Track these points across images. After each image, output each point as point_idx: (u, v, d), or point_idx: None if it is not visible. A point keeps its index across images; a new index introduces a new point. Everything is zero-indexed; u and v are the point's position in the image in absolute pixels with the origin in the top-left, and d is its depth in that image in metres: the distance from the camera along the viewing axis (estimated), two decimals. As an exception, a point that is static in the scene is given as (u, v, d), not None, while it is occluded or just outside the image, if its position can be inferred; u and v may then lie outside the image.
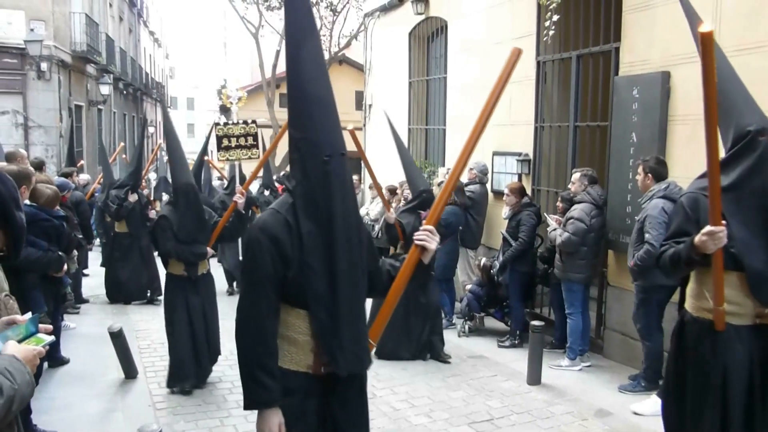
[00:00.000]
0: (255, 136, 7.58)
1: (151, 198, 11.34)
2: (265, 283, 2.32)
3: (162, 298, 8.43)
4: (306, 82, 2.33)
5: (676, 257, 3.02)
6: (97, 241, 12.06)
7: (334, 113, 2.39)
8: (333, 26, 21.53)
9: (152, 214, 8.99)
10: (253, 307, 2.35)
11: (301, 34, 2.36)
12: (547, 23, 6.50)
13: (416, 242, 2.52)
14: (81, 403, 5.24)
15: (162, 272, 6.09)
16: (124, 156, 16.14)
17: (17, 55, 15.77)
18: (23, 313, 2.97)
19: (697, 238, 2.80)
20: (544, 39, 6.69)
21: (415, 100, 10.99)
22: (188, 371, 5.41)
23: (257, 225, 2.39)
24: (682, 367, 3.15)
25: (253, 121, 7.78)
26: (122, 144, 17.16)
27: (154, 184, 13.29)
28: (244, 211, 5.64)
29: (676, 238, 3.10)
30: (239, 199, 5.49)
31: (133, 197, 8.82)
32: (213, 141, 7.79)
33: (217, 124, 7.73)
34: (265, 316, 2.35)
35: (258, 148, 7.66)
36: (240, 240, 7.85)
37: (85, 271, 10.13)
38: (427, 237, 2.52)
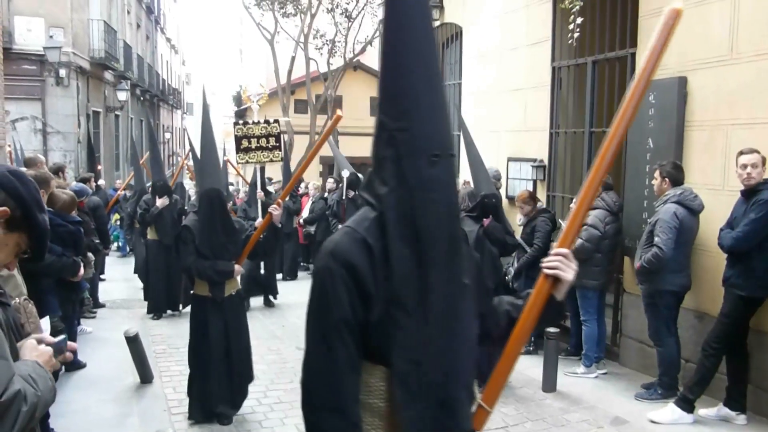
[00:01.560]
0: (277, 137, 6.96)
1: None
2: (341, 330, 1.66)
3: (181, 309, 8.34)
4: (414, 52, 1.71)
5: None
6: (115, 245, 12.19)
7: (445, 102, 1.77)
8: (348, 32, 21.61)
9: None
10: (326, 363, 1.69)
11: None
12: (570, 26, 6.46)
13: (547, 271, 1.90)
14: (97, 407, 5.28)
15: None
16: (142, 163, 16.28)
17: (36, 62, 15.98)
18: (41, 316, 3.01)
19: None
20: (569, 41, 6.61)
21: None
22: (213, 406, 4.92)
23: (327, 249, 1.72)
24: None
25: (276, 121, 7.21)
26: (148, 153, 17.24)
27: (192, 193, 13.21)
28: (281, 224, 5.05)
29: None
30: (275, 211, 4.88)
31: (161, 201, 8.31)
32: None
33: (236, 123, 7.23)
34: (343, 375, 1.68)
35: (280, 150, 7.13)
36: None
37: (102, 276, 10.22)
38: (562, 264, 1.89)
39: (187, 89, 46.99)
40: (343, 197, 8.84)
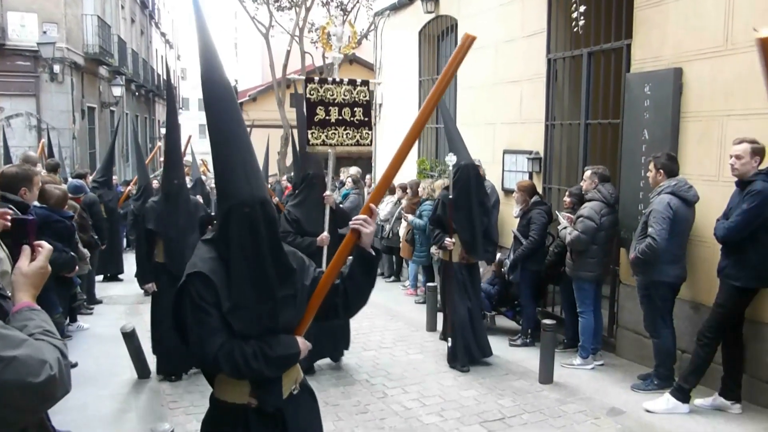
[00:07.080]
0: (367, 109, 4.83)
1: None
2: None
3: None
4: None
5: None
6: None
7: None
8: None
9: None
10: None
11: None
12: (574, 14, 6.42)
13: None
14: (95, 403, 5.28)
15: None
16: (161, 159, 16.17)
17: (30, 58, 15.92)
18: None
19: None
20: (574, 29, 6.54)
21: (425, 98, 10.96)
22: None
23: None
24: None
25: (364, 83, 5.12)
26: (159, 145, 17.03)
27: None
28: (375, 252, 2.45)
29: None
30: (365, 227, 2.39)
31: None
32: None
33: (309, 80, 5.15)
34: None
35: (371, 130, 4.92)
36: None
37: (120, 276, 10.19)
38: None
39: (182, 84, 46.80)
40: (450, 196, 6.01)
